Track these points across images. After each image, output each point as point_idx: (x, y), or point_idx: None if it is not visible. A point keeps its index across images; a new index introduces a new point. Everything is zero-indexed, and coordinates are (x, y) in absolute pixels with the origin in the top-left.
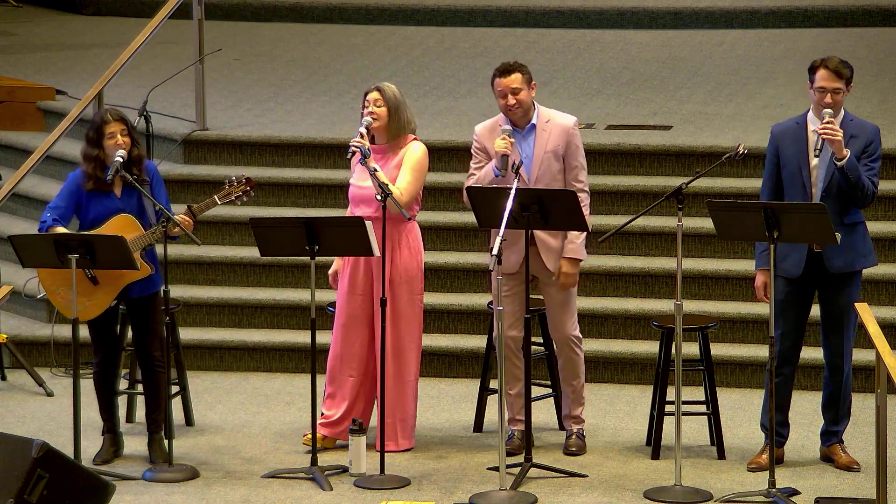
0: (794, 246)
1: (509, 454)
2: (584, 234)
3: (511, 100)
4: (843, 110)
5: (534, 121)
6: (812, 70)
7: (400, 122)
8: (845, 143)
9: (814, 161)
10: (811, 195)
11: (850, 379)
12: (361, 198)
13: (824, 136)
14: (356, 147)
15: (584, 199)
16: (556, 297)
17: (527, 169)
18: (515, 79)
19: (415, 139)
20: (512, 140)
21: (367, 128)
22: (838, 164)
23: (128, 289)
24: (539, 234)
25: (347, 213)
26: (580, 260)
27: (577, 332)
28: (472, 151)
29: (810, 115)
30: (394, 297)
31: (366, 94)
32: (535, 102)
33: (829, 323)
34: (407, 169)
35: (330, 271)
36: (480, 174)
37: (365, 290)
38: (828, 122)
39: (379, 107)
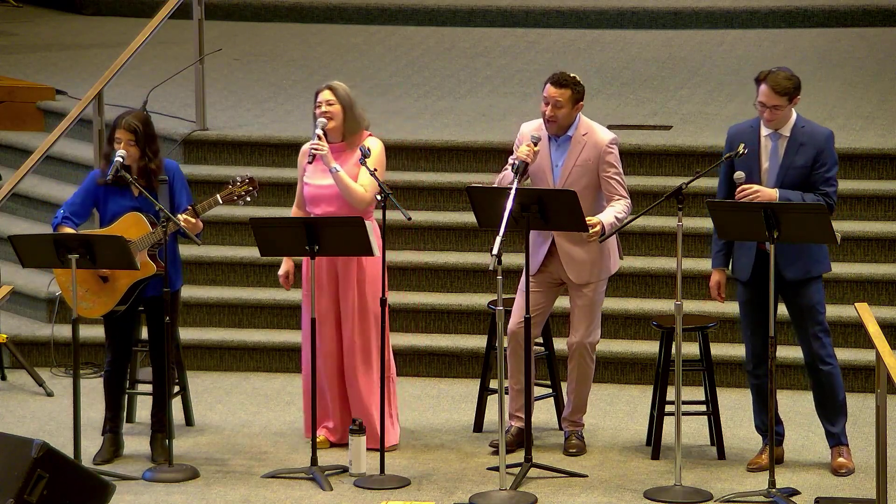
0: (743, 248)
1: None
2: (620, 220)
3: (550, 111)
4: (795, 115)
5: (570, 133)
6: (757, 82)
7: (355, 120)
8: (795, 152)
9: (765, 164)
10: None
11: (834, 378)
12: (322, 197)
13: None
14: (316, 151)
15: (627, 206)
16: (580, 302)
17: (555, 178)
18: (563, 94)
19: (370, 135)
20: (537, 150)
21: (322, 129)
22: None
23: (144, 288)
24: (561, 243)
25: (291, 213)
26: (605, 228)
27: (595, 341)
28: (514, 147)
29: (762, 124)
30: (358, 297)
31: (317, 94)
32: (581, 115)
33: (795, 326)
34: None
35: (280, 272)
36: (501, 176)
37: (329, 290)
38: (738, 192)
39: (332, 105)
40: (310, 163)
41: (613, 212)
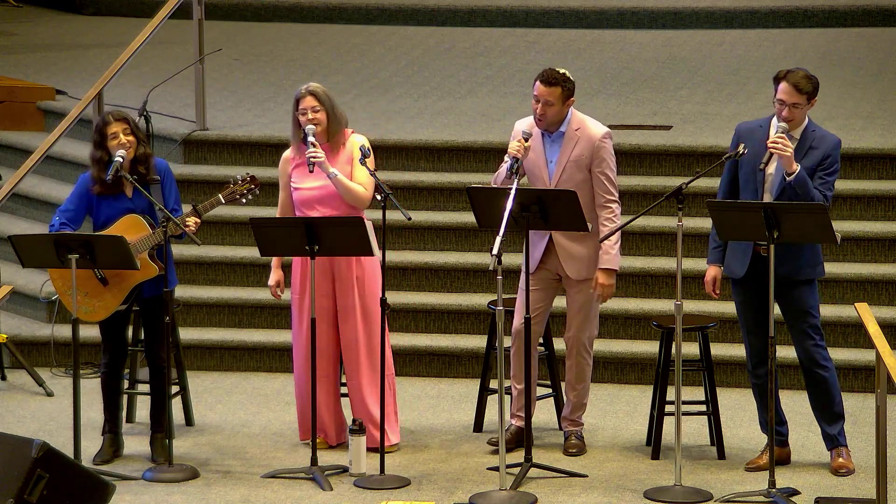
0: (739, 247)
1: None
2: (618, 242)
3: (540, 109)
4: (807, 120)
5: (563, 128)
6: (776, 80)
7: (338, 121)
8: (803, 155)
9: (773, 164)
10: (762, 199)
11: (830, 382)
12: (315, 199)
13: (772, 150)
14: (314, 159)
15: (615, 210)
16: (577, 298)
17: (549, 174)
18: (552, 92)
19: (353, 132)
20: (528, 145)
21: (314, 135)
22: (787, 178)
23: (141, 288)
24: (559, 239)
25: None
26: (616, 270)
27: (592, 336)
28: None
29: (774, 120)
30: (359, 296)
31: (298, 100)
32: (574, 109)
33: (789, 328)
34: (358, 163)
35: (271, 282)
36: (497, 173)
37: (325, 290)
38: (778, 136)
39: (317, 112)
40: (311, 171)
41: (610, 242)
